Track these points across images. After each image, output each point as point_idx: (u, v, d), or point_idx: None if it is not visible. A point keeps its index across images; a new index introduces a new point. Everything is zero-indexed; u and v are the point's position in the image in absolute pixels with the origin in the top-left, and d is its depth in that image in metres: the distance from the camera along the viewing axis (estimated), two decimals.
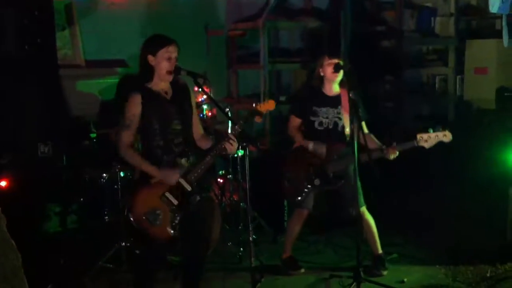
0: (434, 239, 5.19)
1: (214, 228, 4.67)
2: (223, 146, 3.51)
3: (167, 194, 3.49)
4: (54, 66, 4.96)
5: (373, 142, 4.37)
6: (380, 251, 4.53)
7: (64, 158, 4.92)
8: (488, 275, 4.42)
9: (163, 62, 3.50)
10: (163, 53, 3.49)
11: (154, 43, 3.54)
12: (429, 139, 4.16)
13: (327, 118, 4.40)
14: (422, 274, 4.53)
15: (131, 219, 3.47)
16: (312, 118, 4.41)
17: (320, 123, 4.40)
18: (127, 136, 3.51)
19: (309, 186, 4.36)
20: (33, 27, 4.65)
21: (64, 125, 5.00)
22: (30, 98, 4.73)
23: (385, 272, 4.47)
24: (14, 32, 4.59)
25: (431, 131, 4.16)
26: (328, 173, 4.32)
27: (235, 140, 3.51)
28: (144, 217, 3.46)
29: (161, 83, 3.58)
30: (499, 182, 5.30)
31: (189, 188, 3.51)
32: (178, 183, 3.50)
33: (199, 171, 3.53)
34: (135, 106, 3.49)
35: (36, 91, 4.76)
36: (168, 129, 3.54)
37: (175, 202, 3.49)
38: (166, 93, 3.59)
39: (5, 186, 4.52)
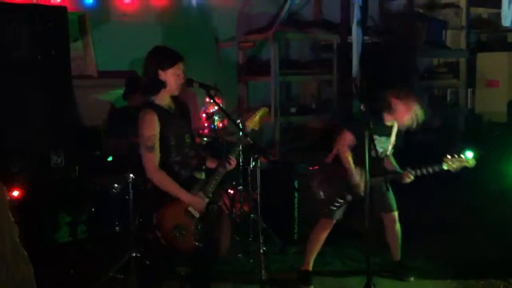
0: (444, 252, 5.15)
1: (223, 237, 4.70)
2: (225, 165, 3.66)
3: (190, 208, 3.55)
4: (67, 77, 4.99)
5: (390, 163, 4.48)
6: (400, 258, 4.64)
7: (77, 168, 4.94)
8: None
9: (175, 78, 3.54)
10: (175, 70, 3.53)
11: (165, 59, 3.54)
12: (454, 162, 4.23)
13: (382, 148, 4.31)
14: None
15: (158, 235, 3.46)
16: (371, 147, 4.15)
17: (376, 153, 4.09)
18: (154, 158, 3.48)
19: (341, 200, 4.38)
20: (47, 38, 4.70)
21: (76, 135, 5.02)
22: (43, 108, 4.77)
23: (412, 279, 4.58)
24: (28, 42, 4.63)
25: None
26: (360, 193, 4.25)
27: (234, 160, 3.71)
28: (172, 233, 3.47)
29: (166, 98, 3.60)
30: (510, 194, 5.27)
31: (207, 200, 3.59)
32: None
33: (214, 182, 3.62)
34: (154, 125, 3.47)
35: (49, 101, 4.79)
36: (182, 144, 3.59)
37: (197, 215, 3.56)
38: (170, 107, 3.62)
39: (17, 195, 4.54)
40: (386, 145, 4.39)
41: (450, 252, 5.14)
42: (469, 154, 4.26)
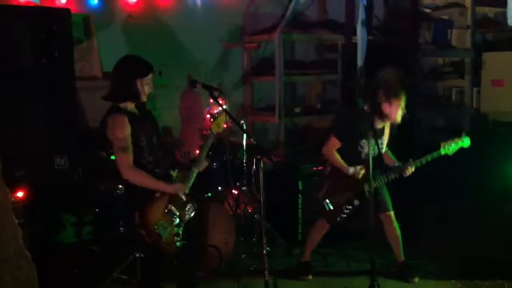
0: (449, 252, 5.14)
1: (225, 237, 4.75)
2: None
3: (170, 206, 3.67)
4: (71, 79, 5.01)
5: (391, 159, 4.52)
6: (403, 258, 4.64)
7: (80, 170, 4.96)
8: None
9: (148, 86, 3.73)
10: (149, 78, 3.73)
11: (142, 68, 3.73)
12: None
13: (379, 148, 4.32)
14: None
15: (144, 233, 3.59)
16: (360, 149, 4.41)
17: (366, 154, 4.35)
18: (129, 158, 3.61)
19: (349, 207, 4.44)
20: (51, 41, 4.71)
21: (80, 137, 5.04)
22: (47, 110, 4.79)
23: (416, 279, 4.58)
24: (32, 45, 4.65)
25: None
26: (365, 192, 4.36)
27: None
28: (156, 232, 3.59)
29: (132, 104, 3.75)
30: None
31: (184, 198, 3.71)
32: (176, 194, 3.69)
33: (189, 181, 3.75)
34: (126, 127, 3.61)
35: (53, 103, 4.81)
36: (152, 145, 3.72)
37: (177, 212, 3.68)
38: (134, 112, 3.76)
39: (21, 197, 4.57)
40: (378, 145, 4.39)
41: (455, 253, 5.13)
42: (463, 136, 4.40)
